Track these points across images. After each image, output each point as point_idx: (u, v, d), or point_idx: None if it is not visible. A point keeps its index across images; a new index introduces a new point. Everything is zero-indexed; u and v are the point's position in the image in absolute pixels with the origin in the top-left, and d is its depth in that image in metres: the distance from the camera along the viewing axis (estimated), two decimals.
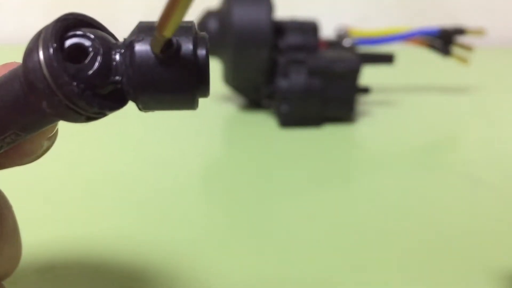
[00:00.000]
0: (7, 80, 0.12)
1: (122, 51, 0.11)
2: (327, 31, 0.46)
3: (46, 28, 0.11)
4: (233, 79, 0.40)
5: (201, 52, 0.11)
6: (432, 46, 0.43)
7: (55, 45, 0.11)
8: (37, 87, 0.11)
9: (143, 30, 0.11)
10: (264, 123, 0.39)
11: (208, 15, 0.39)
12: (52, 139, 0.14)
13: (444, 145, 0.38)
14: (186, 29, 0.11)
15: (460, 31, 0.43)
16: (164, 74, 0.11)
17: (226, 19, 0.38)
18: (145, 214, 0.26)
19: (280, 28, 0.39)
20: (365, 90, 0.39)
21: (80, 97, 0.11)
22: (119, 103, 0.12)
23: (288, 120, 0.38)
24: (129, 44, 0.11)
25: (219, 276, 0.21)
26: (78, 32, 0.11)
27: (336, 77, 0.37)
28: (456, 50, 0.43)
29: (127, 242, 0.23)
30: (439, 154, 0.36)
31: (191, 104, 0.12)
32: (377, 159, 0.34)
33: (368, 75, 0.44)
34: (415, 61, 0.55)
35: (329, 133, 0.38)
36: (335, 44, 0.42)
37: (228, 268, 0.22)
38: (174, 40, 0.11)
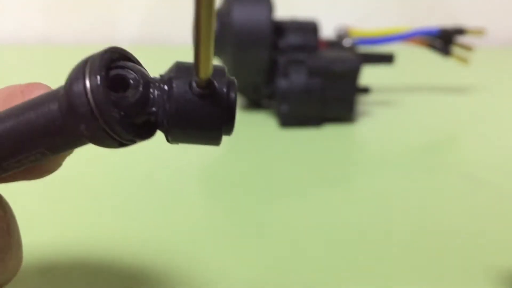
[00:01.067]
0: (43, 101, 0.12)
1: (161, 85, 0.12)
2: (327, 31, 0.46)
3: (93, 58, 0.12)
4: None
5: (232, 94, 0.12)
6: (432, 46, 0.43)
7: (103, 73, 0.11)
8: (79, 111, 0.11)
9: (181, 69, 0.12)
10: (264, 123, 0.39)
11: None
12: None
13: (444, 145, 0.38)
14: (221, 72, 0.13)
15: (460, 31, 0.43)
16: (198, 112, 0.12)
17: (226, 19, 0.38)
18: (145, 214, 0.26)
19: (280, 28, 0.39)
20: (365, 90, 0.39)
21: (119, 124, 0.12)
22: (150, 133, 0.13)
23: (288, 120, 0.38)
24: (168, 80, 0.12)
25: (219, 276, 0.21)
26: (121, 64, 0.12)
27: (336, 77, 0.37)
28: (456, 50, 0.43)
29: (127, 242, 0.23)
30: (439, 154, 0.36)
31: (217, 141, 0.13)
32: (377, 159, 0.34)
33: (368, 75, 0.44)
34: (415, 61, 0.55)
35: (329, 133, 0.38)
36: (335, 44, 0.42)
37: (228, 268, 0.22)
38: (212, 81, 0.12)
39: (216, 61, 0.40)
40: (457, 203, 0.28)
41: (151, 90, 0.12)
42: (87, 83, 0.11)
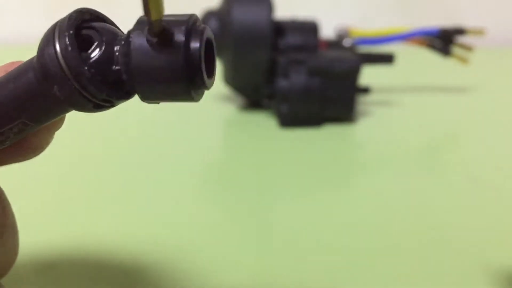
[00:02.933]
0: (20, 71, 0.13)
1: (122, 42, 0.12)
2: (327, 31, 0.46)
3: (62, 20, 0.12)
4: (233, 79, 0.40)
5: (195, 44, 0.12)
6: (432, 46, 0.43)
7: (71, 33, 0.12)
8: (51, 73, 0.12)
9: (140, 22, 0.12)
10: (264, 123, 0.39)
11: (208, 15, 0.39)
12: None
13: (444, 145, 0.38)
14: (182, 21, 0.12)
15: (460, 31, 0.43)
16: (156, 62, 0.12)
17: (226, 19, 0.38)
18: (145, 214, 0.26)
19: (280, 28, 0.39)
20: (365, 90, 0.39)
21: (90, 82, 0.12)
22: (125, 94, 0.13)
23: (288, 120, 0.38)
24: (127, 35, 0.12)
25: (219, 276, 0.21)
26: (90, 25, 0.12)
27: (336, 77, 0.37)
28: (456, 50, 0.43)
29: (128, 242, 0.23)
30: (439, 154, 0.36)
31: (188, 95, 0.12)
32: (377, 159, 0.34)
33: (368, 75, 0.44)
34: (415, 61, 0.55)
35: (329, 133, 0.38)
36: (335, 44, 0.42)
37: (228, 268, 0.22)
38: (168, 29, 0.11)
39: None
40: (457, 203, 0.28)
41: (115, 47, 0.12)
42: (56, 44, 0.11)
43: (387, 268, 0.22)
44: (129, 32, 0.12)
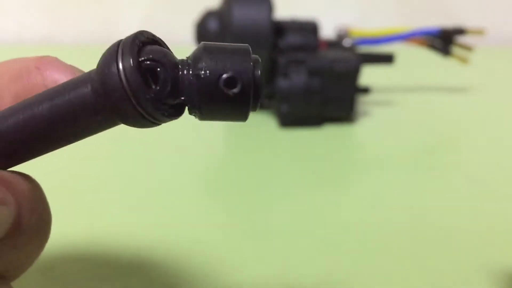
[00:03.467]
0: (75, 84, 0.13)
1: (190, 75, 0.12)
2: (327, 31, 0.46)
3: (124, 40, 0.12)
4: None
5: (257, 73, 0.13)
6: (432, 46, 0.43)
7: (135, 55, 0.12)
8: (113, 92, 0.12)
9: (210, 57, 0.13)
10: (264, 123, 0.39)
11: (208, 15, 0.39)
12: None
13: (444, 145, 0.38)
14: (244, 57, 0.13)
15: (460, 31, 0.43)
16: (227, 103, 0.12)
17: (226, 19, 0.38)
18: (146, 213, 0.26)
19: (280, 28, 0.39)
20: (365, 90, 0.39)
21: (152, 105, 0.12)
22: (181, 112, 0.13)
23: (288, 120, 0.38)
24: (196, 69, 0.12)
25: (219, 275, 0.21)
26: (150, 49, 0.13)
27: (336, 77, 0.37)
28: (456, 50, 0.43)
29: (128, 242, 0.23)
30: (439, 154, 0.36)
31: (245, 118, 0.13)
32: (377, 159, 0.34)
33: (368, 75, 0.44)
34: (415, 61, 0.55)
35: (329, 133, 0.38)
36: (335, 44, 0.42)
37: (228, 267, 0.22)
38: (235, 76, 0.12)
39: None
40: (457, 202, 0.28)
41: (180, 79, 0.12)
42: (120, 64, 0.12)
43: (387, 268, 0.22)
44: (199, 69, 0.12)
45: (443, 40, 0.43)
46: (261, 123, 0.39)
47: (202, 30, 0.39)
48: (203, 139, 0.37)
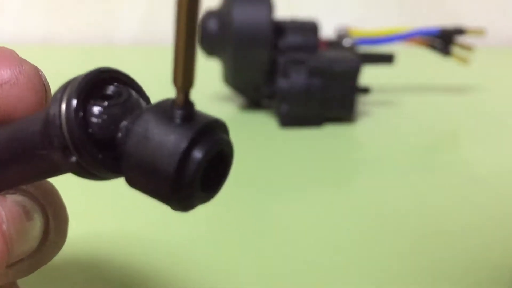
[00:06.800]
0: (30, 121, 0.12)
1: (122, 135, 0.11)
2: (327, 31, 0.46)
3: (75, 79, 0.11)
4: (233, 79, 0.40)
5: (197, 154, 0.11)
6: (432, 46, 0.43)
7: (81, 97, 0.11)
8: (51, 130, 0.11)
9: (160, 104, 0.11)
10: (264, 123, 0.39)
11: (208, 15, 0.39)
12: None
13: (444, 145, 0.38)
14: (206, 118, 0.11)
15: (460, 31, 0.43)
16: (150, 151, 0.11)
17: (226, 19, 0.38)
18: (145, 214, 0.26)
19: (280, 28, 0.39)
20: (365, 90, 0.39)
21: (96, 161, 0.11)
22: (113, 172, 0.12)
23: (288, 120, 0.38)
24: (141, 113, 0.11)
25: (218, 275, 0.21)
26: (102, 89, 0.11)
27: (336, 77, 0.37)
28: (456, 50, 0.43)
29: (127, 242, 0.23)
30: (439, 154, 0.36)
31: (168, 201, 0.11)
32: (377, 159, 0.34)
33: (368, 75, 0.44)
34: (415, 61, 0.54)
35: (329, 133, 0.38)
36: (335, 44, 0.42)
37: (228, 267, 0.22)
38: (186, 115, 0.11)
39: (215, 61, 0.40)
40: (457, 203, 0.28)
41: (120, 128, 0.11)
42: (63, 113, 0.11)
43: (386, 268, 0.22)
44: (131, 123, 0.11)
45: (443, 40, 0.43)
46: (261, 123, 0.39)
47: (202, 30, 0.39)
48: None
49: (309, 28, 0.39)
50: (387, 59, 0.42)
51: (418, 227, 0.25)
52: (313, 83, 0.37)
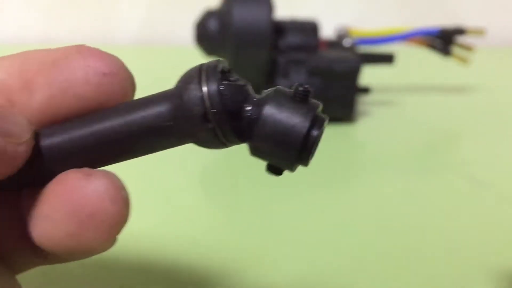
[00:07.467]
0: (152, 102, 0.13)
1: (253, 109, 0.13)
2: (327, 31, 0.46)
3: (207, 65, 0.13)
4: None
5: (314, 132, 0.13)
6: (432, 46, 0.43)
7: (220, 81, 0.13)
8: (194, 114, 0.13)
9: (275, 99, 0.13)
10: None
11: (208, 15, 0.39)
12: None
13: (445, 145, 0.38)
14: (310, 108, 0.13)
15: (460, 31, 0.43)
16: (278, 137, 0.13)
17: (226, 19, 0.38)
18: (145, 214, 0.26)
19: (280, 28, 0.39)
20: (365, 90, 0.39)
21: (230, 129, 0.13)
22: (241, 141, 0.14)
23: None
24: (262, 101, 0.13)
25: (218, 275, 0.21)
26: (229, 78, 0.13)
27: (336, 77, 0.37)
28: (456, 50, 0.43)
29: (127, 242, 0.23)
30: (439, 154, 0.36)
31: (289, 166, 0.14)
32: (377, 159, 0.34)
33: (368, 75, 0.44)
34: (415, 61, 0.55)
35: (329, 133, 0.38)
36: (335, 44, 0.42)
37: (228, 267, 0.22)
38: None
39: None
40: (457, 203, 0.28)
41: (246, 107, 0.13)
42: (204, 88, 0.13)
43: (387, 268, 0.22)
44: (265, 100, 0.13)
45: (443, 40, 0.43)
46: None
47: (202, 30, 0.39)
48: None
49: (309, 28, 0.39)
50: (387, 59, 0.42)
51: (417, 227, 0.25)
52: (313, 83, 0.37)
